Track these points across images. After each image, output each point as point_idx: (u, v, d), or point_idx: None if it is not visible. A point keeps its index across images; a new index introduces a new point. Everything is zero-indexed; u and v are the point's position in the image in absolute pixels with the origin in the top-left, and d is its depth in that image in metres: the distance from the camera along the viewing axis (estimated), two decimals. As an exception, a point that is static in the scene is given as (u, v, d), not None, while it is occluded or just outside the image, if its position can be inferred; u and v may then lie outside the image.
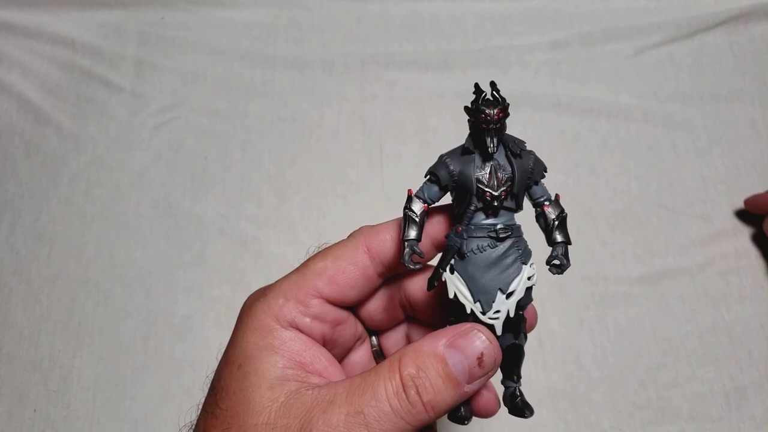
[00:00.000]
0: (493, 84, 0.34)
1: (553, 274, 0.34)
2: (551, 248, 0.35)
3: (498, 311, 0.33)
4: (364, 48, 0.74)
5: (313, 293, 0.34)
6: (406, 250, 0.33)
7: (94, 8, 0.75)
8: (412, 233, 0.34)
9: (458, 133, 0.75)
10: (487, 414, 0.37)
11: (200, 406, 0.36)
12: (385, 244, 0.35)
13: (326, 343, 0.36)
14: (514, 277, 0.33)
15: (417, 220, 0.34)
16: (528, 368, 0.59)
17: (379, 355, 0.41)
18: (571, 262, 0.34)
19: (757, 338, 0.60)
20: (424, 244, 0.35)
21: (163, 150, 0.69)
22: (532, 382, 0.59)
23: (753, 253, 0.64)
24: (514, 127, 0.75)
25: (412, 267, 0.33)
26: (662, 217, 0.66)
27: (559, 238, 0.34)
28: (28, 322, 0.61)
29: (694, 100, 0.71)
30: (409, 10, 0.76)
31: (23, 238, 0.65)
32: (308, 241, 0.65)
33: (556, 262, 0.34)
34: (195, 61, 0.73)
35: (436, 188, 0.34)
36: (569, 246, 0.34)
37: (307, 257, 0.37)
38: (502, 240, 0.33)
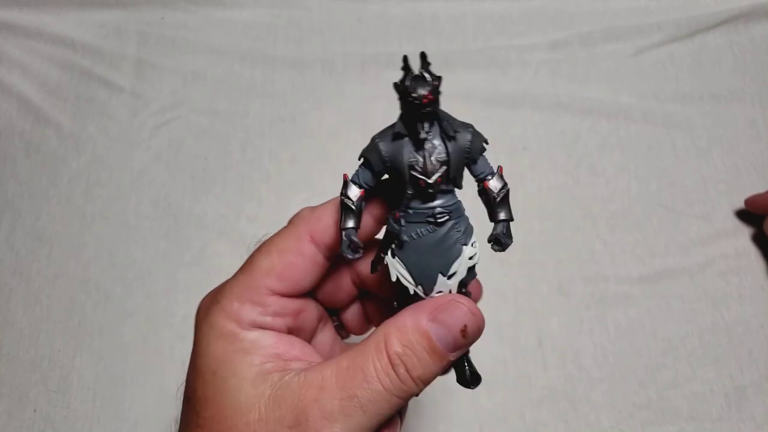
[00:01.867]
0: (423, 56, 0.30)
1: (495, 251, 0.33)
2: (493, 225, 0.33)
3: (440, 291, 0.33)
4: (364, 48, 0.74)
5: (266, 292, 0.34)
6: (344, 239, 0.32)
7: (94, 8, 0.75)
8: (350, 222, 0.32)
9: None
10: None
11: (177, 423, 0.35)
12: (329, 230, 0.34)
13: (292, 332, 0.35)
14: (455, 259, 0.32)
15: (354, 207, 0.32)
16: (528, 368, 0.59)
17: (342, 328, 0.42)
18: (513, 238, 0.33)
19: (757, 338, 0.60)
20: (367, 224, 0.34)
21: (163, 150, 0.69)
22: (532, 382, 0.59)
23: (753, 253, 0.64)
24: (513, 127, 0.75)
25: (350, 257, 0.32)
26: (662, 217, 0.66)
27: (501, 215, 0.33)
28: (28, 322, 0.61)
29: (694, 100, 0.71)
30: (409, 10, 0.76)
31: (23, 238, 0.65)
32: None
33: (499, 239, 0.33)
34: (195, 61, 0.73)
35: (369, 173, 0.32)
36: (511, 222, 0.33)
37: (250, 251, 0.36)
38: (441, 224, 0.32)
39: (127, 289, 0.63)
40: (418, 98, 0.29)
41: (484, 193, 0.33)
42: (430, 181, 0.31)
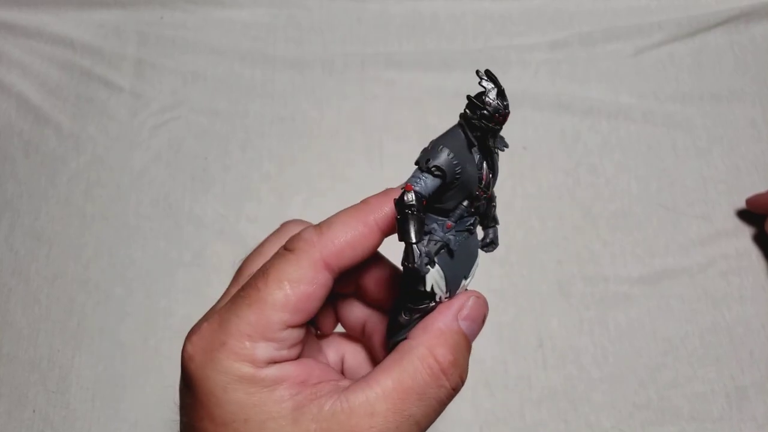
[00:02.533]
0: (489, 74, 0.29)
1: (486, 252, 0.35)
2: (484, 231, 0.35)
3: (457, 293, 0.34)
4: (364, 48, 0.74)
5: (281, 327, 0.31)
6: (422, 257, 0.30)
7: (93, 8, 0.75)
8: (420, 235, 0.31)
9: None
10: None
11: None
12: (344, 253, 0.32)
13: (302, 354, 0.34)
14: (473, 263, 0.34)
15: (420, 218, 0.31)
16: (528, 368, 0.59)
17: (313, 326, 0.40)
18: (499, 242, 0.36)
19: (758, 338, 0.60)
20: (372, 229, 0.34)
21: (163, 150, 0.69)
22: (532, 382, 0.58)
23: (754, 253, 0.64)
24: (513, 127, 0.75)
25: (424, 272, 0.31)
26: (662, 217, 0.65)
27: (491, 221, 0.36)
28: (27, 322, 0.61)
29: (695, 100, 0.71)
30: (409, 9, 0.76)
31: (22, 238, 0.65)
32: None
33: (490, 242, 0.35)
34: (195, 61, 0.73)
35: (438, 182, 0.30)
36: (498, 226, 0.36)
37: (236, 269, 0.34)
38: (473, 233, 0.34)
39: (127, 289, 0.63)
40: (505, 116, 0.29)
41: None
42: (487, 195, 0.32)
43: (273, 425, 0.29)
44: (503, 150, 0.32)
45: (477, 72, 0.29)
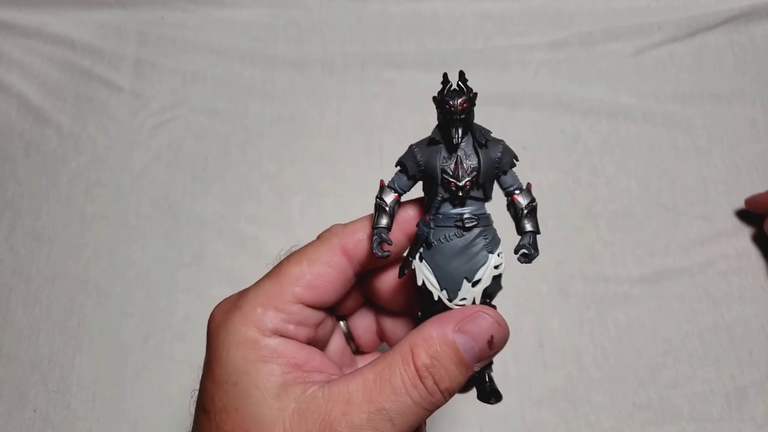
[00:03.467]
0: (461, 74, 0.33)
1: (521, 263, 0.34)
2: (520, 237, 0.35)
3: (464, 299, 0.33)
4: (364, 48, 0.74)
5: (292, 300, 0.34)
6: (375, 237, 0.34)
7: (93, 8, 0.75)
8: (383, 221, 0.34)
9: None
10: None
11: None
12: (362, 243, 0.35)
13: (310, 342, 0.36)
14: (480, 266, 0.33)
15: (387, 209, 0.35)
16: (528, 368, 0.59)
17: (350, 338, 0.42)
18: (539, 251, 0.34)
19: (757, 338, 0.60)
20: (395, 234, 0.35)
21: (163, 150, 0.69)
22: (532, 383, 0.58)
23: (753, 253, 0.64)
24: (513, 127, 0.75)
25: (380, 254, 0.34)
26: (662, 217, 0.65)
27: (528, 227, 0.34)
28: (27, 322, 0.61)
29: (695, 100, 0.71)
30: (409, 9, 0.76)
31: (23, 238, 0.65)
32: (308, 241, 0.65)
33: (525, 251, 0.34)
34: (195, 61, 0.73)
35: (405, 178, 0.35)
36: (538, 235, 0.34)
37: (277, 261, 0.36)
38: (469, 229, 0.33)
39: (127, 289, 0.63)
40: (453, 106, 0.32)
41: (512, 206, 0.35)
42: (460, 184, 0.33)
43: (257, 394, 0.31)
44: (484, 141, 0.33)
45: (443, 74, 0.33)
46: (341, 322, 0.41)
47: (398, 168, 0.35)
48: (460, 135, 0.32)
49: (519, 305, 0.62)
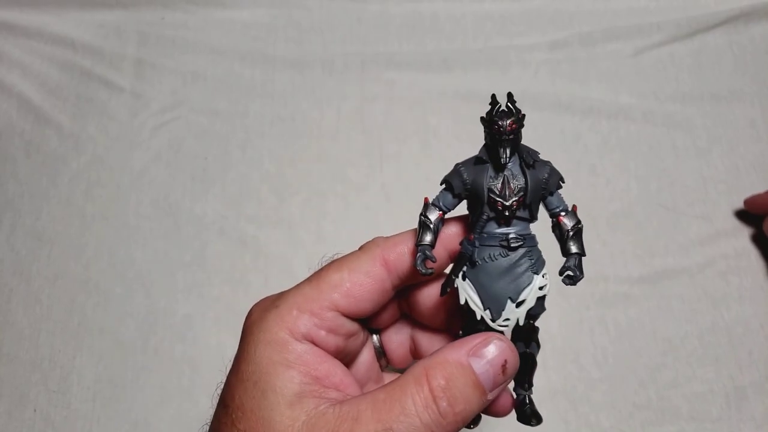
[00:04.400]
0: (509, 95, 0.34)
1: (566, 285, 0.34)
2: (565, 259, 0.34)
3: (507, 319, 0.33)
4: (364, 48, 0.74)
5: (329, 306, 0.34)
6: (419, 254, 0.34)
7: (94, 8, 0.75)
8: (427, 239, 0.34)
9: (458, 133, 0.75)
10: (503, 413, 0.37)
11: (209, 423, 0.35)
12: (403, 257, 0.35)
13: (338, 354, 0.36)
14: (525, 287, 0.33)
15: (431, 226, 0.34)
16: (528, 368, 0.59)
17: (381, 354, 0.42)
18: (585, 273, 0.34)
19: (757, 338, 0.60)
20: (438, 252, 0.35)
21: (163, 150, 0.69)
22: (532, 382, 0.59)
23: (753, 253, 0.64)
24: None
25: (424, 272, 0.34)
26: (662, 217, 0.65)
27: (573, 249, 0.34)
28: (28, 322, 0.61)
29: (694, 100, 0.71)
30: (409, 10, 0.76)
31: (23, 238, 0.65)
32: (308, 241, 0.66)
33: (570, 273, 0.34)
34: (195, 61, 0.73)
35: (450, 196, 0.35)
36: (583, 257, 0.34)
37: (319, 267, 0.36)
38: (514, 249, 0.33)
39: (127, 289, 0.63)
40: (502, 127, 0.33)
41: (557, 227, 0.35)
42: (507, 203, 0.33)
43: (272, 398, 0.31)
44: (531, 162, 0.34)
45: (492, 95, 0.35)
46: (374, 336, 0.41)
47: (443, 186, 0.35)
48: (508, 155, 0.33)
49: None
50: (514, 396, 0.37)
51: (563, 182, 0.35)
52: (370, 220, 0.66)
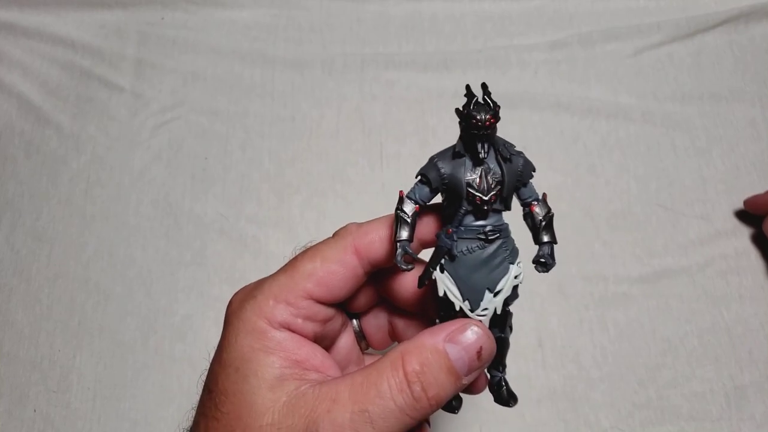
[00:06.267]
0: (484, 86, 0.34)
1: (539, 272, 0.35)
2: (538, 247, 0.35)
3: (486, 309, 0.34)
4: (364, 48, 0.74)
5: (303, 295, 0.35)
6: (398, 251, 0.34)
7: (94, 8, 0.75)
8: (404, 234, 0.34)
9: (458, 133, 0.75)
10: (476, 392, 0.39)
11: (194, 408, 0.36)
12: (374, 245, 0.36)
13: (317, 339, 0.37)
14: (502, 277, 0.34)
15: (408, 221, 0.34)
16: (528, 368, 0.59)
17: (361, 338, 0.42)
18: (557, 260, 0.35)
19: (757, 338, 0.60)
20: (413, 244, 0.36)
21: (163, 150, 0.69)
22: (532, 382, 0.59)
23: (753, 253, 0.64)
24: (512, 127, 0.75)
25: (404, 268, 0.34)
26: (662, 217, 0.66)
27: (545, 237, 0.35)
28: (28, 322, 0.62)
29: (694, 100, 0.71)
30: (409, 10, 0.76)
31: (23, 237, 0.65)
32: (308, 241, 0.65)
33: (543, 260, 0.35)
34: (195, 61, 0.74)
35: (426, 189, 0.34)
36: (555, 245, 0.35)
37: (294, 255, 0.37)
38: (491, 242, 0.33)
39: (127, 289, 0.63)
40: (481, 121, 0.32)
41: (529, 216, 0.35)
42: (485, 198, 0.33)
43: (254, 382, 0.32)
44: (508, 156, 0.33)
45: (466, 86, 0.33)
46: (354, 321, 0.42)
47: (418, 179, 0.35)
48: (486, 150, 0.33)
49: (518, 305, 0.61)
50: (488, 377, 0.38)
51: (534, 172, 0.35)
52: (370, 219, 0.66)
